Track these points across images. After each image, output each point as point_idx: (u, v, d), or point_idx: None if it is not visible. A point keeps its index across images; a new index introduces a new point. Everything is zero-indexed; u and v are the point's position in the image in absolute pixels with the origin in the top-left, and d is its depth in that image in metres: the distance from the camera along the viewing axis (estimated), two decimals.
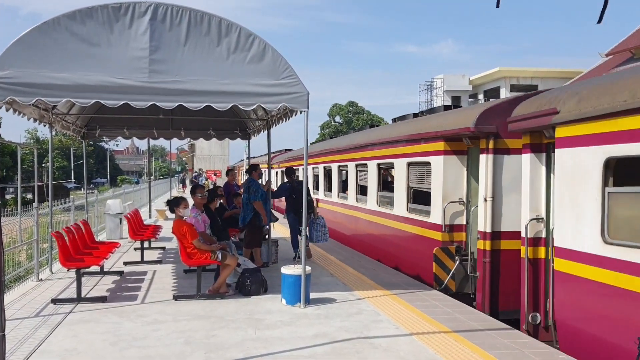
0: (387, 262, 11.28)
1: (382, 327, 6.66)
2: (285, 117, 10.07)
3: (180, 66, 7.15)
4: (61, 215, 16.04)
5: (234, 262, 8.33)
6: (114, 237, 15.06)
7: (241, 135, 14.59)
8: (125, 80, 6.94)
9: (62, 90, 6.75)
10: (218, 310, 7.47)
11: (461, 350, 5.79)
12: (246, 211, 10.15)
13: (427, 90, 50.14)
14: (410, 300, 7.96)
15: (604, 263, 5.62)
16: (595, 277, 5.74)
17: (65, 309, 7.57)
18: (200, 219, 8.84)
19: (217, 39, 7.28)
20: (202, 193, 9.14)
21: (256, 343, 6.04)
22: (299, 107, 7.53)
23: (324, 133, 73.20)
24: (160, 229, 13.26)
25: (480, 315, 7.20)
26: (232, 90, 7.26)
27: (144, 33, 7.05)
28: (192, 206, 8.89)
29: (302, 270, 7.55)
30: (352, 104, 76.81)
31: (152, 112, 10.63)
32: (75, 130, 12.54)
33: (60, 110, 10.57)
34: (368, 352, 5.73)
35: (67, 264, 8.08)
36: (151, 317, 7.13)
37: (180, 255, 8.33)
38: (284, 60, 7.44)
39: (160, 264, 11.26)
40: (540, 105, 6.84)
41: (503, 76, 39.35)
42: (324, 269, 10.37)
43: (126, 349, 5.84)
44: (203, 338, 6.22)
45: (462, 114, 9.14)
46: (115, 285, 9.19)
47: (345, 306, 7.66)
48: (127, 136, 14.68)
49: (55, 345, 5.96)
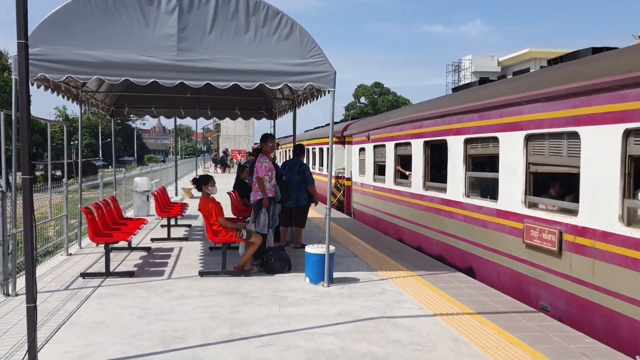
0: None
1: (405, 307, 6.68)
2: (312, 97, 10.06)
3: (208, 45, 7.17)
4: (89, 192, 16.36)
5: (259, 240, 8.41)
6: (141, 214, 15.31)
7: (267, 115, 14.64)
8: (154, 58, 6.99)
9: (92, 67, 6.82)
10: (243, 287, 7.57)
11: (485, 331, 5.79)
12: (299, 192, 10.25)
13: (454, 72, 49.56)
14: (434, 281, 7.96)
15: (364, 186, 15.31)
16: (360, 188, 15.70)
17: (94, 282, 7.74)
18: (265, 166, 8.84)
19: (245, 17, 7.28)
20: (273, 142, 9.28)
21: (280, 319, 6.12)
22: (325, 86, 7.51)
23: (348, 114, 72.92)
24: (187, 207, 13.43)
25: (504, 298, 7.16)
26: (259, 69, 7.27)
27: (172, 12, 7.08)
28: (261, 153, 9.09)
29: (326, 249, 7.60)
30: (377, 85, 76.26)
31: (180, 90, 10.68)
32: (103, 108, 12.72)
33: (89, 88, 10.71)
34: (391, 331, 5.76)
35: (96, 239, 8.24)
36: (177, 292, 7.26)
37: (206, 233, 8.44)
38: (311, 39, 7.41)
39: (187, 241, 11.42)
40: (352, 127, 17.27)
41: (532, 57, 38.69)
42: (347, 249, 10.41)
43: (153, 323, 5.96)
44: (228, 313, 6.32)
45: (327, 129, 17.51)
46: (142, 260, 9.36)
47: (368, 286, 7.69)
48: (154, 115, 14.85)
49: (85, 318, 6.12)
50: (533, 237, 7.20)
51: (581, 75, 6.41)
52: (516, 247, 7.63)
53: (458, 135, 9.40)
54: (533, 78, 7.70)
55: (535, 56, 38.40)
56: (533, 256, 7.26)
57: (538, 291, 7.21)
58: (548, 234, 6.92)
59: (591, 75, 6.22)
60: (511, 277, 7.78)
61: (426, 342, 5.47)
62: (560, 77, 6.85)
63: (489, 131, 8.46)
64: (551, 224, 6.91)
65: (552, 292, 6.90)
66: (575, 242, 6.47)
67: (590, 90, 6.24)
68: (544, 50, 38.54)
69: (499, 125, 8.17)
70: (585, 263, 6.29)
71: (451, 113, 9.63)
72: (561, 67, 7.18)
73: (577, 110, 6.51)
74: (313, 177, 10.62)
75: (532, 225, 7.23)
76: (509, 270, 7.83)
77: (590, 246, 6.22)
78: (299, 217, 10.48)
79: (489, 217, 8.39)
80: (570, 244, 6.56)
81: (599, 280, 6.06)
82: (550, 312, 6.83)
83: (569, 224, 6.59)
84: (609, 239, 5.93)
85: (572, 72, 6.68)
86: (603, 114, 6.07)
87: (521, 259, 7.53)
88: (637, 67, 5.53)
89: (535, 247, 7.18)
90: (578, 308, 6.39)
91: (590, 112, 6.28)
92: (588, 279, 6.23)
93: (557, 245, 6.71)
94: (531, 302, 7.19)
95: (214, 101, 13.52)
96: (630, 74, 5.59)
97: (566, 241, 6.62)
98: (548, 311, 6.89)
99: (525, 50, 39.55)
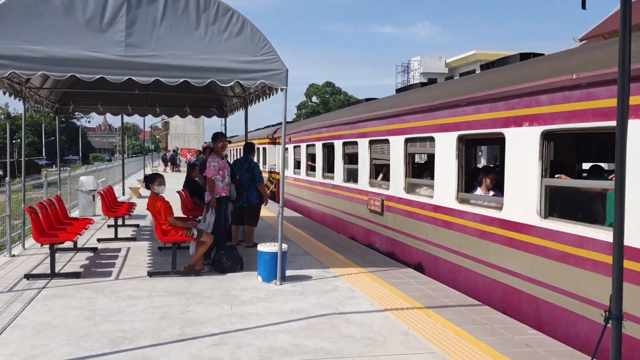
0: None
1: (356, 303, 6.76)
2: (263, 95, 10.04)
3: (157, 40, 7.05)
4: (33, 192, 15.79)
5: (210, 239, 8.34)
6: (87, 214, 14.92)
7: (217, 113, 14.51)
8: (101, 53, 6.83)
9: (36, 62, 6.61)
10: (194, 286, 7.49)
11: (433, 325, 5.93)
12: (249, 191, 10.16)
13: (404, 72, 50.27)
14: (385, 277, 8.09)
15: (288, 178, 17.60)
16: (290, 182, 18.20)
17: (39, 284, 7.51)
18: (214, 166, 8.74)
19: (195, 13, 7.19)
20: (224, 141, 9.21)
21: (232, 318, 6.10)
22: (277, 84, 7.51)
23: (300, 113, 72.96)
24: (135, 206, 13.17)
25: (451, 292, 7.35)
26: (210, 65, 7.20)
27: (120, 7, 6.93)
28: (212, 152, 9.07)
29: (279, 247, 7.61)
30: (329, 85, 76.55)
31: (127, 87, 10.51)
32: (48, 105, 12.33)
33: (33, 84, 10.37)
34: (343, 327, 5.82)
35: (40, 240, 8.00)
36: (126, 292, 7.12)
37: (155, 232, 8.31)
38: (263, 37, 7.39)
39: (135, 241, 11.21)
40: (279, 131, 15.54)
41: (478, 59, 39.64)
42: (300, 247, 10.44)
43: (101, 324, 5.84)
44: (178, 313, 6.25)
45: (265, 131, 25.56)
46: (89, 261, 9.14)
47: (321, 283, 7.75)
48: (101, 112, 14.49)
49: (30, 320, 5.93)
50: (371, 204, 11.15)
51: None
52: (365, 212, 11.46)
53: (339, 139, 13.33)
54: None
55: (481, 58, 39.37)
56: (371, 216, 11.19)
57: (375, 238, 11.09)
58: (377, 202, 10.83)
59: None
60: (363, 231, 11.81)
61: (377, 336, 5.55)
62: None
63: (355, 137, 12.17)
64: (379, 195, 10.79)
65: (380, 237, 10.83)
66: (388, 205, 10.37)
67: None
68: (489, 52, 39.55)
69: (359, 134, 11.96)
70: (393, 217, 10.18)
71: (336, 124, 13.67)
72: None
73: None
74: (262, 176, 10.65)
75: (371, 197, 11.17)
76: (362, 227, 11.85)
77: (393, 206, 10.16)
78: (251, 216, 10.44)
79: (354, 194, 12.30)
80: (388, 207, 10.42)
81: (398, 226, 9.97)
82: (380, 251, 10.52)
83: (386, 194, 10.46)
84: (400, 201, 9.85)
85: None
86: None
87: (367, 219, 11.47)
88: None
89: (372, 211, 11.13)
90: (392, 246, 10.25)
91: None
92: (395, 227, 10.10)
93: (381, 208, 10.63)
94: (372, 246, 11.01)
95: (163, 98, 13.29)
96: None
97: (385, 205, 10.50)
98: (380, 250, 10.56)
99: (472, 52, 40.52)
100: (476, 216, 7.47)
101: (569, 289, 5.73)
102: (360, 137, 11.71)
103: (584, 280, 5.52)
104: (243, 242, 10.58)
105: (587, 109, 5.50)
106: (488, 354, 5.12)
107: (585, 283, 5.51)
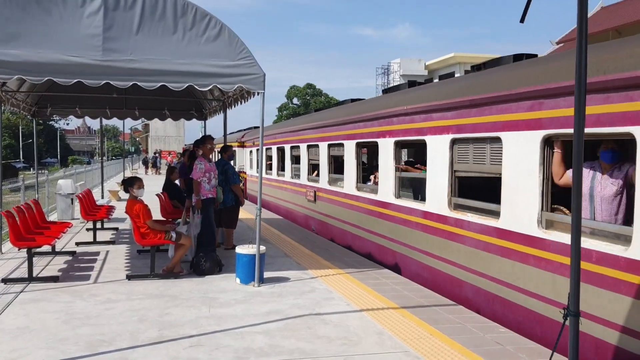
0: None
1: (333, 304, 6.87)
2: (242, 98, 10.11)
3: (134, 45, 7.09)
4: (10, 196, 15.66)
5: (188, 242, 8.39)
6: (65, 217, 14.83)
7: (197, 115, 14.54)
8: (79, 58, 6.85)
9: (13, 67, 6.61)
10: (172, 289, 7.54)
11: (407, 324, 6.06)
12: (224, 193, 10.10)
13: (384, 74, 50.60)
14: (362, 278, 8.21)
15: (252, 176, 21.85)
16: (251, 179, 21.90)
17: (16, 288, 7.50)
18: (200, 168, 8.78)
19: (173, 18, 7.25)
20: (212, 144, 9.27)
21: (209, 320, 6.17)
22: (255, 88, 7.59)
23: (281, 115, 72.97)
24: (114, 210, 13.13)
25: (426, 292, 7.50)
26: (188, 70, 7.26)
27: (97, 11, 6.96)
28: (201, 155, 9.06)
29: (257, 249, 7.69)
30: (310, 86, 76.67)
31: (106, 91, 10.43)
32: (25, 109, 12.26)
33: (9, 88, 10.31)
34: (319, 328, 5.93)
35: (18, 244, 7.98)
36: (104, 296, 7.15)
37: (133, 236, 8.34)
38: (240, 42, 7.47)
39: (113, 244, 11.20)
40: (246, 136, 24.07)
41: (457, 62, 40.12)
42: (278, 249, 10.53)
43: (79, 327, 5.87)
44: (157, 316, 6.30)
45: (235, 135, 26.23)
46: (67, 265, 9.12)
47: (298, 285, 7.85)
48: (79, 115, 14.44)
49: (7, 324, 5.94)
50: (308, 195, 14.17)
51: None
52: (304, 201, 14.57)
53: (288, 144, 16.35)
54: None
55: (460, 60, 39.87)
56: (309, 204, 14.17)
57: (311, 222, 14.02)
58: (311, 192, 13.81)
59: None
60: (303, 217, 14.74)
61: (352, 336, 5.67)
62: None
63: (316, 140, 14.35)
64: (313, 188, 13.78)
65: (315, 221, 13.73)
66: (319, 195, 13.29)
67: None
68: (468, 55, 40.06)
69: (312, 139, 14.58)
70: (323, 204, 13.04)
71: (285, 132, 16.81)
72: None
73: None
74: (237, 177, 10.63)
75: (308, 190, 14.20)
76: (301, 214, 14.94)
77: (322, 196, 13.09)
78: (229, 218, 10.49)
79: (297, 188, 15.31)
80: (318, 196, 13.37)
81: (324, 210, 12.96)
82: (315, 232, 13.39)
83: (317, 186, 13.46)
84: (325, 192, 12.83)
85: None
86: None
87: (305, 207, 14.47)
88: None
89: (309, 200, 14.11)
90: (322, 227, 13.20)
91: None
92: (323, 212, 13.05)
93: (314, 198, 13.62)
94: (309, 228, 13.97)
95: (142, 101, 13.29)
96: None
97: (317, 195, 13.43)
98: (314, 231, 13.47)
99: (451, 55, 40.96)
100: (366, 199, 10.54)
101: (404, 240, 9.02)
102: (301, 142, 14.80)
103: (410, 235, 8.80)
104: (222, 245, 10.63)
105: (411, 128, 8.74)
106: (460, 352, 5.26)
107: (410, 236, 8.79)
